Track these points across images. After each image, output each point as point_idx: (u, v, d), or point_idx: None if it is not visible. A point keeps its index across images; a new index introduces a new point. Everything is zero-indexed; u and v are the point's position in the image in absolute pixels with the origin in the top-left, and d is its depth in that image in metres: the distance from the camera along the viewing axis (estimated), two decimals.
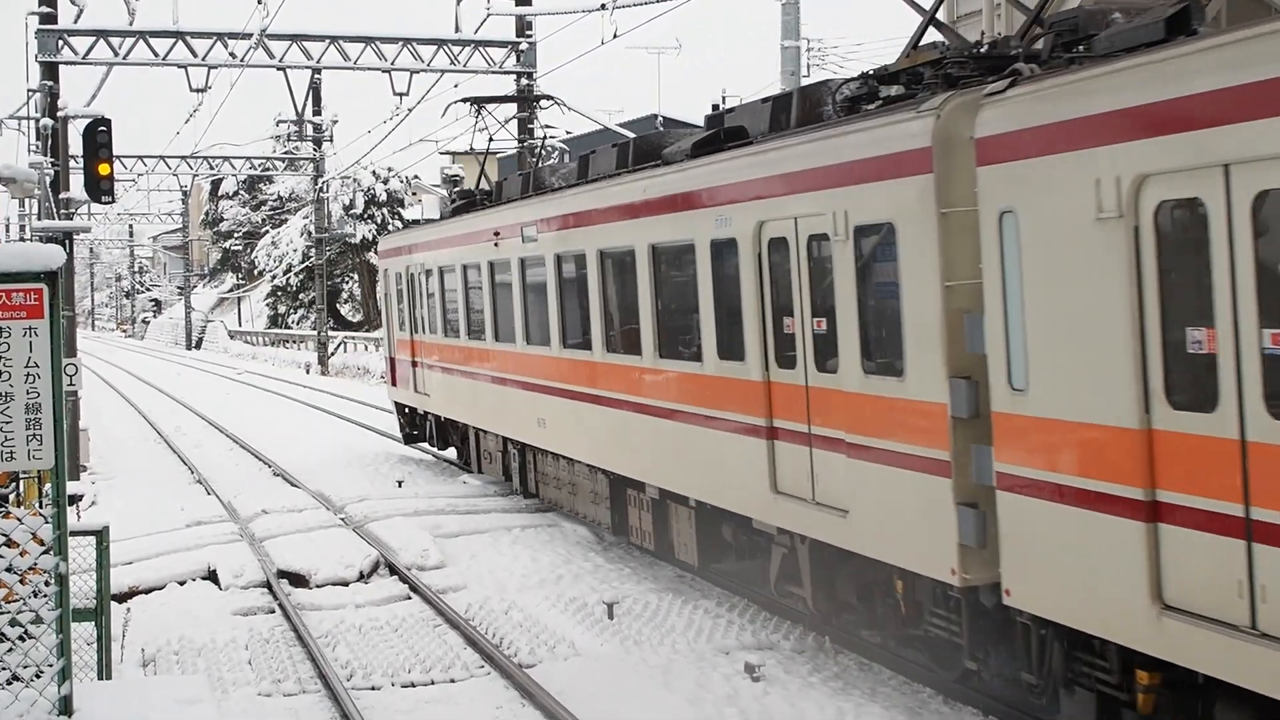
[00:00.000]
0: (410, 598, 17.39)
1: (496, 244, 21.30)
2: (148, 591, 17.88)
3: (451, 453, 28.73)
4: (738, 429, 13.88)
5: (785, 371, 12.94)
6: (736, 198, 13.50)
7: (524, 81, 38.05)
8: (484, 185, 26.61)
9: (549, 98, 31.31)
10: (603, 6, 30.09)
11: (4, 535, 9.31)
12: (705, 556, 15.86)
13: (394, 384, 29.83)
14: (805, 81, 49.40)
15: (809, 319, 12.36)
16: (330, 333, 71.42)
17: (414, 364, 27.52)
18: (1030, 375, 9.71)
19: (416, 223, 31.87)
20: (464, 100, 28.43)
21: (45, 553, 9.34)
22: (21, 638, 9.35)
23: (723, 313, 14.20)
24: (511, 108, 37.47)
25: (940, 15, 22.32)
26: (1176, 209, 8.52)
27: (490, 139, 28.72)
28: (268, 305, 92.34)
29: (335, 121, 67.12)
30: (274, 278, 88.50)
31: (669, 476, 15.96)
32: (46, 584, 9.36)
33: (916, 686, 12.65)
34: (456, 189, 27.65)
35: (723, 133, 14.65)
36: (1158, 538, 8.70)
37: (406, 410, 29.62)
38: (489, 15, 36.64)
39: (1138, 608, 8.76)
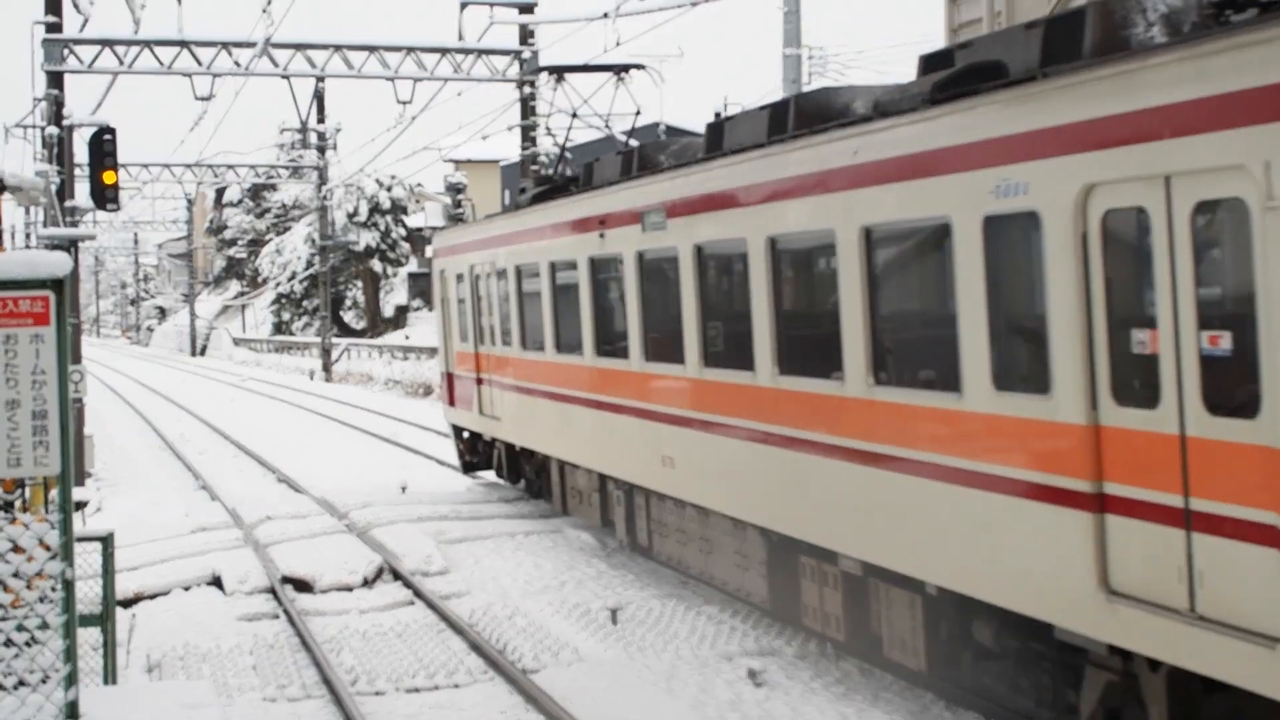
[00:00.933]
0: (414, 603, 17.44)
1: (602, 235, 17.33)
2: (153, 597, 17.94)
3: (485, 475, 26.66)
4: (1028, 491, 9.91)
5: (1133, 411, 8.99)
6: (1038, 152, 9.63)
7: (527, 90, 38.13)
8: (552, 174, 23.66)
9: (639, 66, 26.01)
10: (605, 15, 30.17)
11: (11, 541, 9.36)
12: (940, 662, 11.92)
13: (451, 403, 25.98)
14: (807, 89, 49.48)
15: (1193, 332, 8.48)
16: (334, 339, 71.51)
17: (479, 381, 23.59)
18: None
19: (453, 221, 28.28)
20: (545, 69, 24.70)
21: (51, 558, 9.39)
22: (28, 643, 9.40)
23: (1003, 320, 10.24)
24: (594, 82, 37.59)
25: (939, 24, 22.34)
26: None
27: (574, 114, 24.45)
28: (272, 312, 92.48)
29: (339, 129, 67.26)
30: (278, 285, 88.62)
31: (883, 548, 11.84)
32: (53, 589, 9.41)
33: (918, 692, 12.68)
34: (536, 172, 22.52)
35: (966, 72, 10.88)
36: None
37: (466, 434, 25.92)
38: (492, 24, 36.74)
39: None
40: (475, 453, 25.79)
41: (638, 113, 24.76)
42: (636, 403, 16.78)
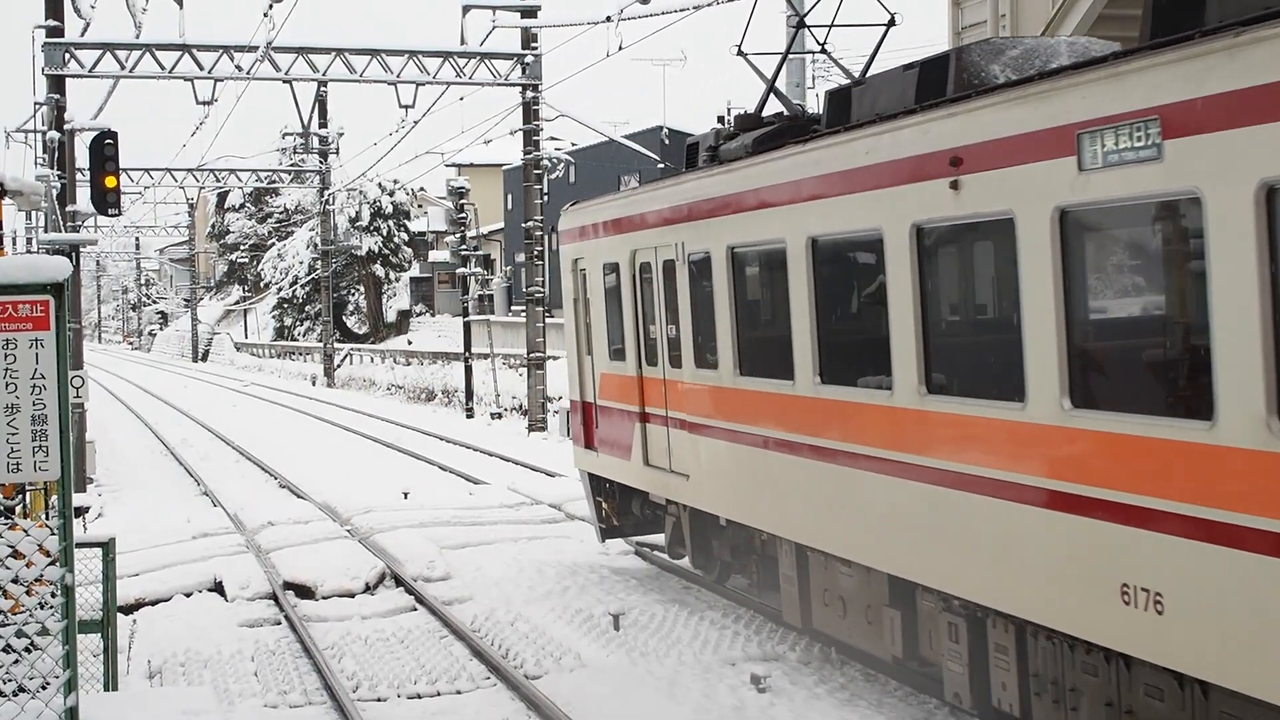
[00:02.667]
0: (416, 609, 17.39)
1: (956, 184, 10.28)
2: (154, 603, 17.88)
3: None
4: None
5: None
6: None
7: (529, 94, 38.12)
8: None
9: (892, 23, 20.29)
10: (608, 19, 30.15)
11: (10, 547, 9.31)
12: None
13: (588, 444, 18.83)
14: (810, 94, 49.57)
15: None
16: (336, 345, 71.51)
17: (643, 418, 16.80)
18: None
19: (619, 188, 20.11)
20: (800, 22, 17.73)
21: (51, 564, 9.35)
22: (28, 649, 9.35)
23: None
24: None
25: (943, 26, 22.30)
26: None
27: (821, 49, 17.19)
28: (274, 317, 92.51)
29: (341, 134, 67.34)
30: (280, 290, 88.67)
31: None
32: (53, 595, 9.36)
33: (923, 698, 12.62)
34: (737, 116, 15.82)
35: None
36: None
37: (610, 486, 18.69)
38: (494, 28, 36.76)
39: None
40: (625, 513, 18.56)
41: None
42: (1048, 483, 9.53)
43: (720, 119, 37.64)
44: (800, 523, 13.19)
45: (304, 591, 18.09)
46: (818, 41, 18.14)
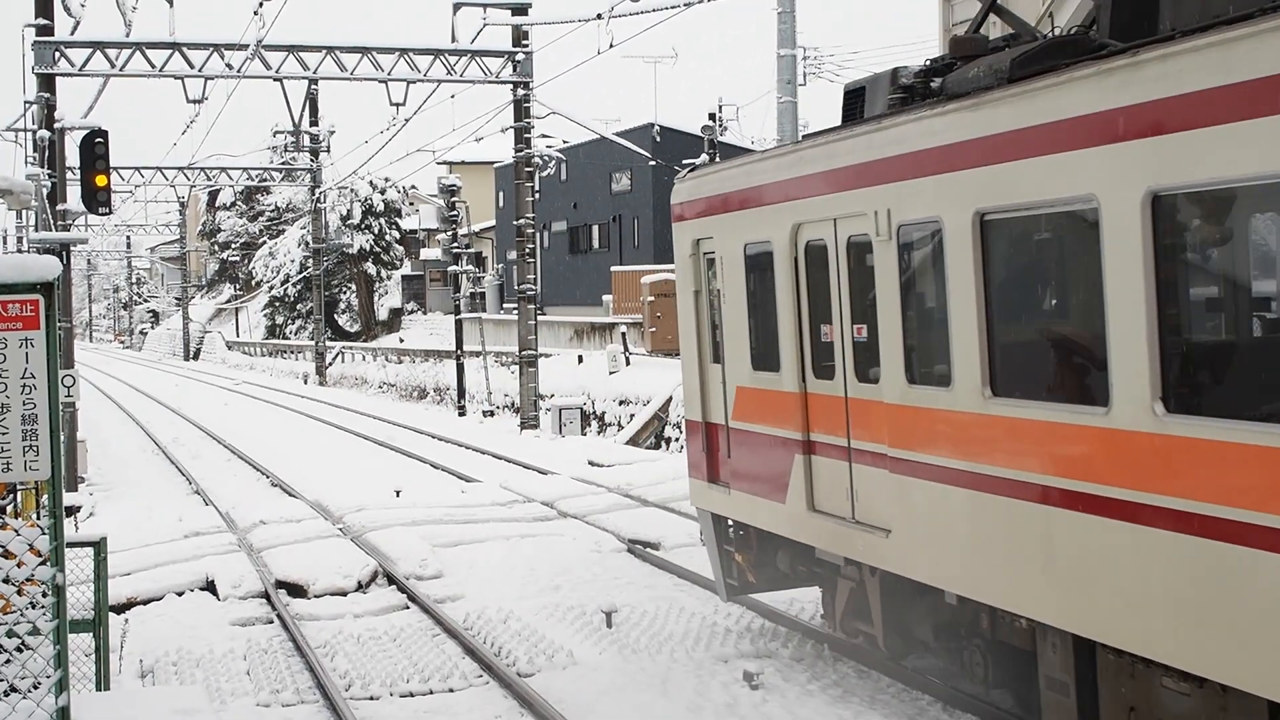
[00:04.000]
0: (408, 607, 17.37)
1: None
2: (146, 602, 17.86)
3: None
4: None
5: None
6: None
7: (520, 92, 38.09)
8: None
9: None
10: (599, 16, 30.13)
11: (1, 547, 9.30)
12: None
13: (712, 477, 14.78)
14: (802, 90, 49.54)
15: None
16: (328, 343, 71.46)
17: (808, 448, 12.82)
18: None
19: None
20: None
21: (42, 564, 9.34)
22: (19, 649, 9.34)
23: None
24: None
25: (933, 25, 22.32)
26: None
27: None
28: (265, 316, 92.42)
29: (332, 132, 67.28)
30: (271, 288, 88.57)
31: None
32: (44, 595, 9.35)
33: (915, 694, 12.63)
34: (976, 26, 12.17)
35: None
36: None
37: (744, 533, 14.59)
38: (485, 25, 36.73)
39: None
40: (765, 565, 14.40)
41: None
42: None
43: (711, 116, 37.69)
44: (1112, 616, 8.93)
45: (296, 590, 18.07)
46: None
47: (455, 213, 48.51)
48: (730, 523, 14.83)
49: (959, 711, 12.07)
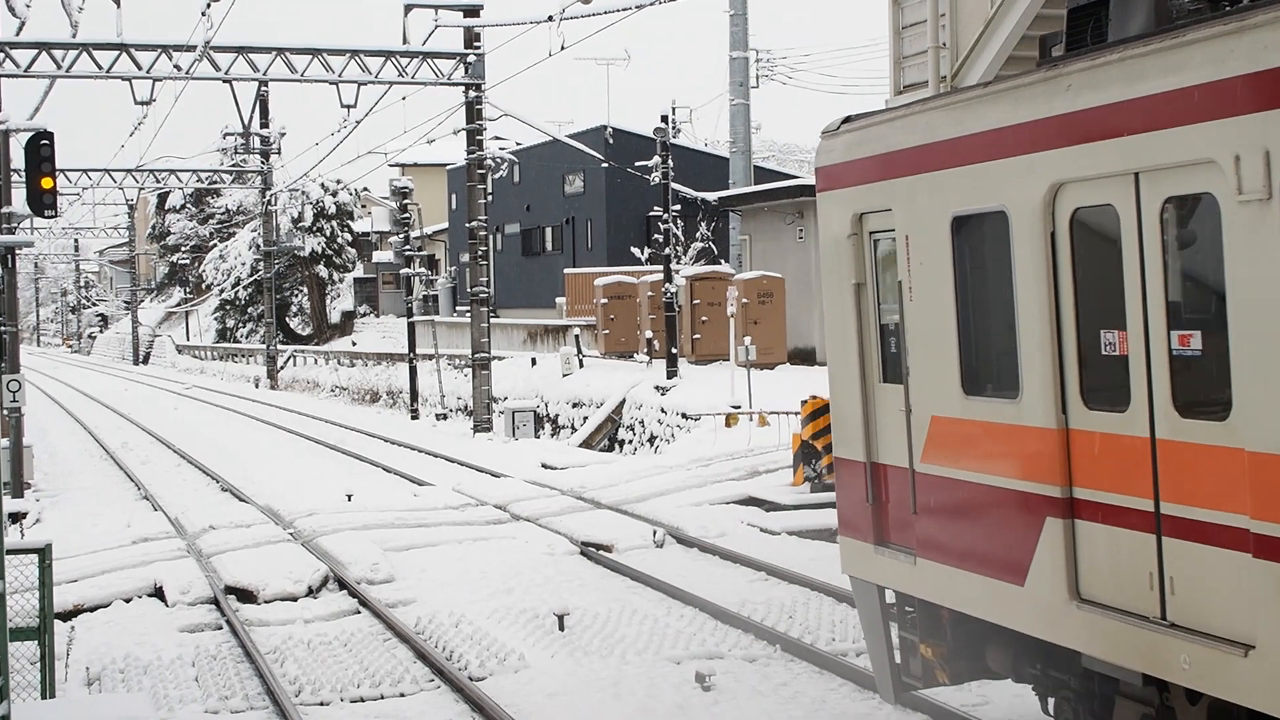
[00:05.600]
0: (360, 612, 17.26)
1: None
2: (93, 609, 17.66)
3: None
4: None
5: None
6: None
7: (472, 94, 38.00)
8: None
9: None
10: (550, 18, 30.08)
11: None
12: None
13: (882, 537, 11.13)
14: (755, 93, 49.71)
15: None
16: (279, 346, 71.06)
17: (1071, 510, 9.08)
18: None
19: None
20: None
21: None
22: None
23: None
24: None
25: (883, 27, 22.39)
26: None
27: None
28: (216, 319, 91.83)
29: (283, 134, 66.96)
30: (222, 291, 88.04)
31: None
32: None
33: (867, 694, 12.65)
34: None
35: None
36: None
37: (936, 617, 10.88)
38: (437, 27, 36.61)
39: None
40: (962, 659, 10.83)
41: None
42: None
43: (664, 118, 37.67)
44: None
45: (246, 595, 17.93)
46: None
47: (407, 215, 48.33)
48: (898, 599, 11.18)
49: (910, 710, 12.09)
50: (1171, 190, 8.12)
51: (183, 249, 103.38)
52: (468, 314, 43.61)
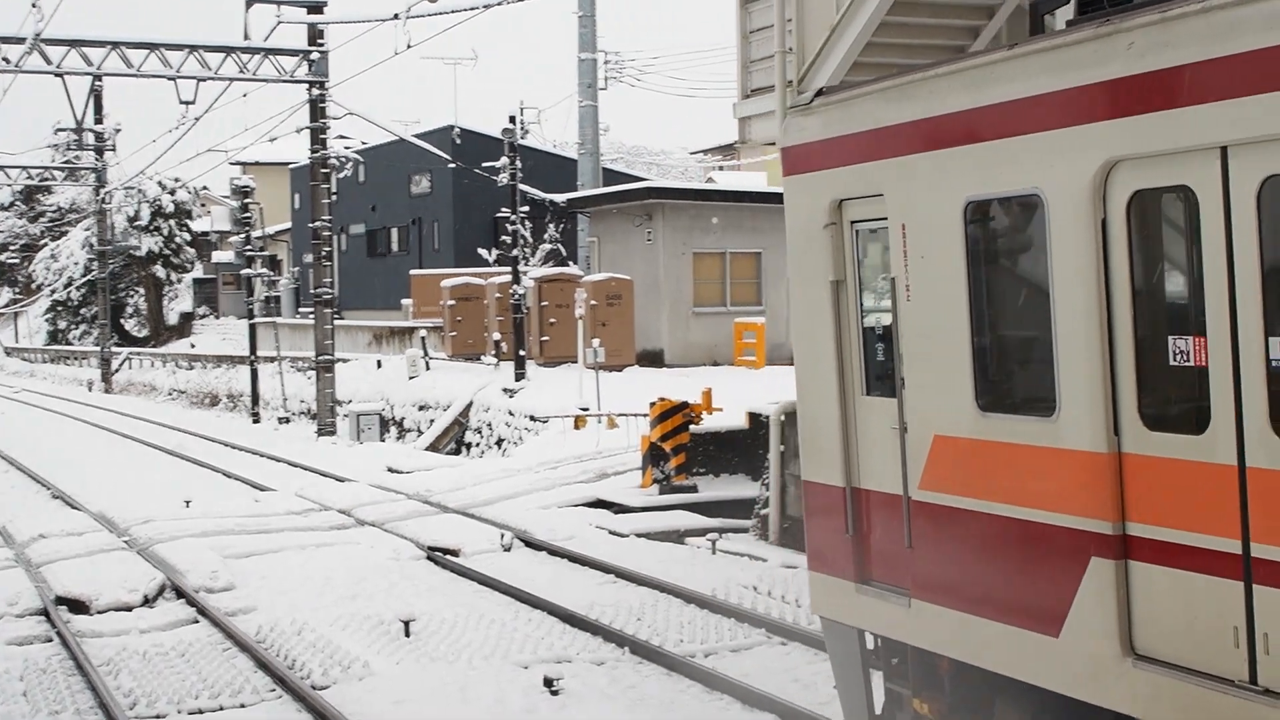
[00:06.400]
0: (198, 621, 16.80)
1: None
2: None
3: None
4: None
5: None
6: None
7: (316, 92, 37.40)
8: None
9: None
10: (396, 16, 29.71)
11: None
12: None
13: (865, 573, 9.64)
14: (603, 94, 49.69)
15: None
16: (114, 348, 69.41)
17: (1124, 549, 7.56)
18: None
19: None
20: None
21: None
22: None
23: None
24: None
25: (731, 31, 22.44)
26: None
27: None
28: (47, 321, 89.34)
29: (118, 130, 65.31)
30: (54, 292, 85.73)
31: None
32: None
33: (716, 695, 12.62)
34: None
35: None
36: None
37: (933, 668, 9.31)
38: (279, 23, 36.00)
39: None
40: (957, 715, 9.23)
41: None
42: None
43: (511, 119, 37.41)
44: None
45: (78, 606, 17.34)
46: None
47: (249, 215, 47.45)
48: (882, 645, 9.83)
49: (758, 710, 12.08)
50: (1275, 167, 6.72)
51: (11, 248, 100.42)
52: (311, 316, 42.94)
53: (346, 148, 45.61)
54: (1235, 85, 6.80)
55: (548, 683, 12.81)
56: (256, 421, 45.46)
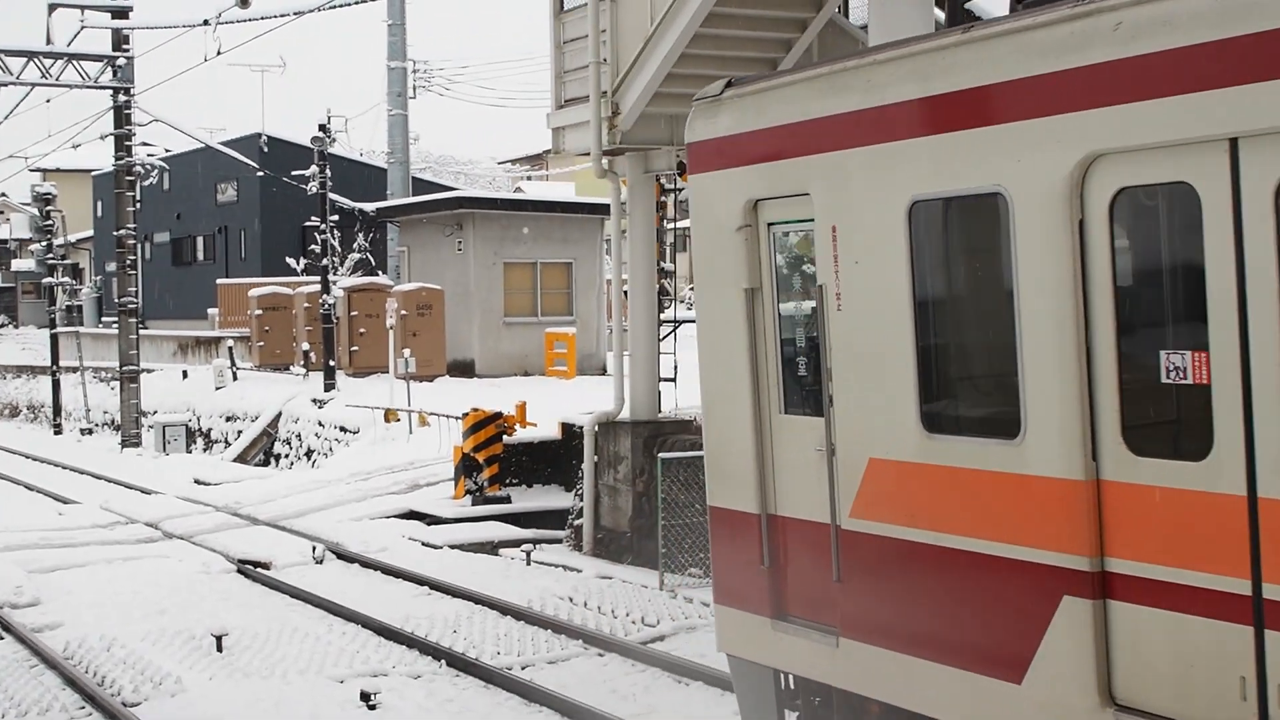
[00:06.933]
0: (2, 638, 16.43)
1: None
2: None
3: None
4: None
5: None
6: None
7: (121, 98, 36.68)
8: None
9: None
10: (205, 22, 29.33)
11: None
12: None
13: (780, 608, 8.92)
14: (412, 103, 49.47)
15: None
16: None
17: (1100, 586, 6.86)
18: None
19: None
20: None
21: None
22: None
23: None
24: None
25: (545, 41, 22.62)
26: None
27: None
28: None
29: None
30: None
31: None
32: None
33: (534, 707, 12.78)
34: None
35: None
36: None
37: (862, 713, 8.55)
38: (83, 27, 35.24)
39: None
40: None
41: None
42: None
43: (321, 127, 37.07)
44: None
45: None
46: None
47: (50, 222, 46.25)
48: (798, 685, 9.05)
49: None
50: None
51: None
52: (115, 325, 42.01)
53: (151, 155, 44.78)
54: (1247, 70, 6.07)
55: (364, 697, 12.85)
56: (59, 433, 44.35)
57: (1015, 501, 7.12)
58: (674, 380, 20.73)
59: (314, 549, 20.10)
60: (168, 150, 59.29)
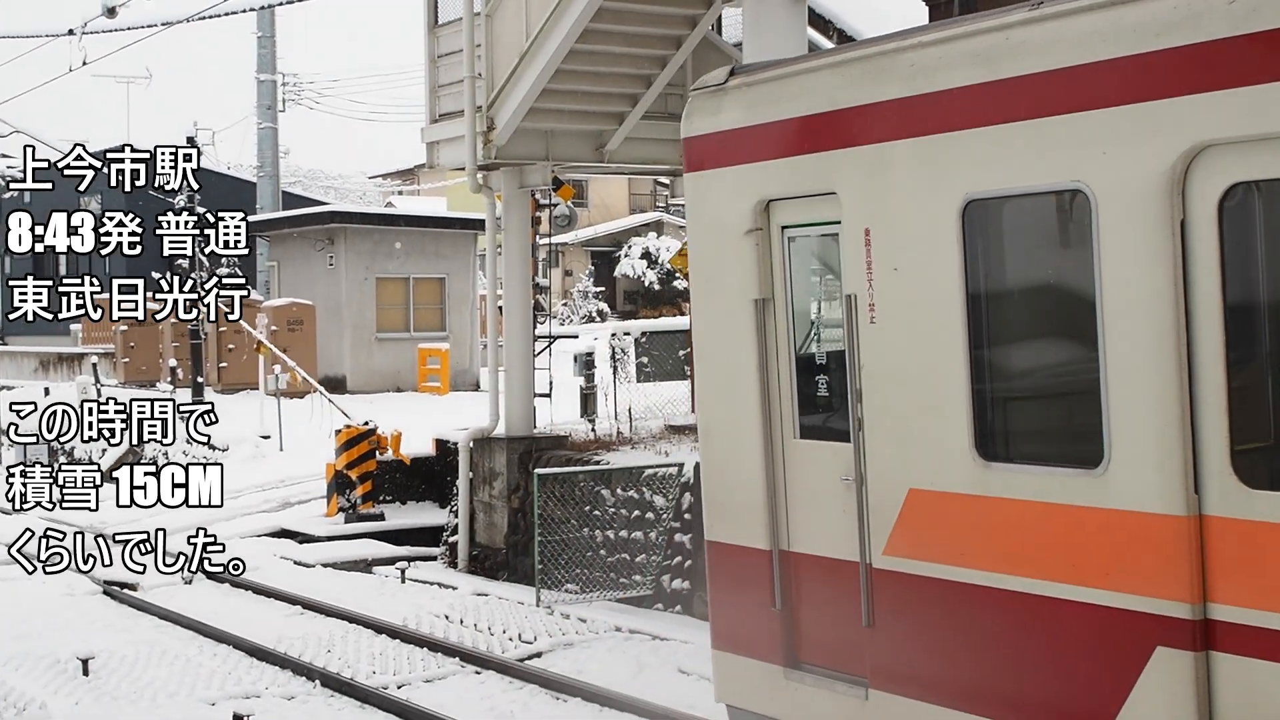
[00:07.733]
0: None
1: None
2: None
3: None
4: None
5: None
6: None
7: None
8: None
9: None
10: (70, 32, 28.74)
11: None
12: None
13: (794, 656, 8.04)
14: (282, 116, 48.88)
15: None
16: None
17: (1203, 636, 6.06)
18: None
19: None
20: None
21: None
22: None
23: None
24: None
25: (419, 53, 22.45)
26: None
27: None
28: None
29: None
30: None
31: None
32: None
33: None
34: None
35: None
36: None
37: None
38: None
39: None
40: None
41: None
42: None
43: (189, 139, 36.54)
44: None
45: None
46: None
47: None
48: None
49: None
50: None
51: None
52: None
53: (10, 167, 43.72)
54: None
55: (237, 719, 12.61)
56: None
57: (1094, 539, 6.31)
58: (549, 396, 20.66)
59: None
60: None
